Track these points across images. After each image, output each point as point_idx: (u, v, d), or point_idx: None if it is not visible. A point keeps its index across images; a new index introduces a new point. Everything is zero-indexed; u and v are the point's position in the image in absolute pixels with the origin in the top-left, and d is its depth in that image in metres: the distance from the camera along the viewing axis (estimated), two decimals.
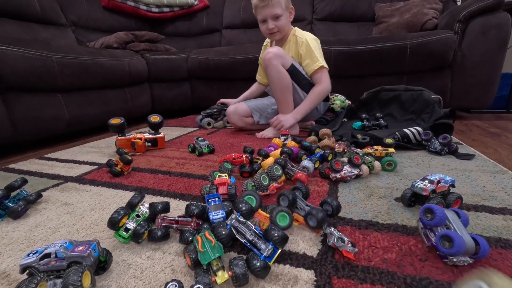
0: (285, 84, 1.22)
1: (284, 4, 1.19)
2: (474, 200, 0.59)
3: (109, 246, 0.48)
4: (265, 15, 1.20)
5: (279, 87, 1.22)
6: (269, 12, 1.19)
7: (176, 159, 0.98)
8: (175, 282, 0.36)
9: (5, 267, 0.44)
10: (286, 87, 1.22)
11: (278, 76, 1.20)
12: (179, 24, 2.45)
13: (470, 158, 0.84)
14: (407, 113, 1.20)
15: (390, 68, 1.54)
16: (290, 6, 1.23)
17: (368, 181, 0.71)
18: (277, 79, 1.21)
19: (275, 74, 1.20)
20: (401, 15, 1.81)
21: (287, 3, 1.21)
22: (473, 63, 1.44)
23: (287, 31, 1.27)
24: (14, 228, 0.56)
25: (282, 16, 1.19)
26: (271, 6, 1.18)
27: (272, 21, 1.20)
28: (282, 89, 1.22)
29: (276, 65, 1.18)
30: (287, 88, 1.22)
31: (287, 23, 1.24)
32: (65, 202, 0.66)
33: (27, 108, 1.15)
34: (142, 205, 0.54)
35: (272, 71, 1.20)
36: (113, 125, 1.04)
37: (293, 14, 1.26)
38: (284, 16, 1.20)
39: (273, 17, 1.20)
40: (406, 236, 0.48)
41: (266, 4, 1.18)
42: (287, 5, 1.21)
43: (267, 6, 1.18)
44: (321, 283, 0.38)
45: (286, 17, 1.21)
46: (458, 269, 0.39)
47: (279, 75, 1.20)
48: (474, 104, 1.56)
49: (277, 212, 0.49)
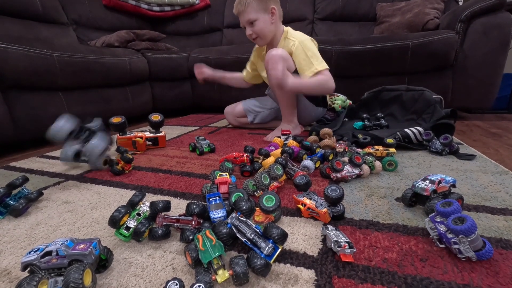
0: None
1: (257, 6, 1.10)
2: (475, 200, 0.59)
3: (110, 244, 0.49)
4: (242, 23, 1.15)
5: (283, 92, 1.14)
6: (243, 19, 1.13)
7: (177, 158, 0.98)
8: (176, 280, 0.36)
9: (6, 264, 0.44)
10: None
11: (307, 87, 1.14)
12: (180, 23, 2.45)
13: (471, 158, 0.84)
14: (408, 113, 1.20)
15: (391, 68, 1.54)
16: (269, 7, 1.11)
17: (369, 181, 0.71)
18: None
19: None
20: (402, 15, 1.81)
21: (263, 4, 1.10)
22: (474, 64, 1.44)
23: (274, 33, 1.17)
24: (15, 226, 0.56)
25: (257, 21, 1.11)
26: (243, 13, 1.12)
27: (248, 27, 1.14)
28: (286, 94, 1.16)
29: (282, 69, 1.07)
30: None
31: (267, 26, 1.13)
32: (66, 201, 0.66)
33: (28, 107, 1.16)
34: (143, 203, 0.54)
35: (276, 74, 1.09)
36: (114, 123, 1.04)
37: (276, 14, 1.13)
38: (261, 20, 1.11)
39: (248, 23, 1.13)
40: (407, 236, 0.48)
41: (239, 11, 1.13)
42: (264, 7, 1.11)
43: (241, 13, 1.13)
44: (321, 283, 0.38)
45: (263, 20, 1.12)
46: (459, 269, 0.39)
47: None
48: (476, 104, 1.56)
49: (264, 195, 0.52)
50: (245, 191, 0.57)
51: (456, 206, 0.43)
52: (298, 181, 0.61)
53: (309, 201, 0.54)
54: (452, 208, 0.43)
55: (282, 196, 0.64)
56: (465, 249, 0.40)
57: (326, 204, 0.54)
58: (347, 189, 0.66)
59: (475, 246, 0.40)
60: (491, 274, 0.38)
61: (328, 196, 0.53)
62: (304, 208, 0.54)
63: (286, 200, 0.63)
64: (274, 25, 1.15)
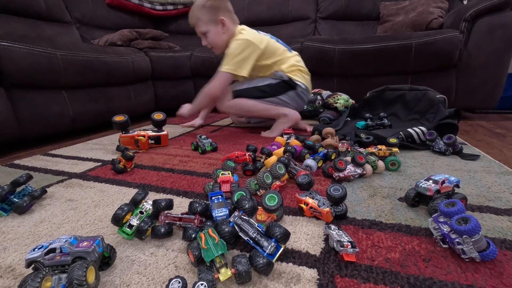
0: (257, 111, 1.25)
1: (207, 19, 1.14)
2: (479, 201, 0.58)
3: (113, 242, 0.49)
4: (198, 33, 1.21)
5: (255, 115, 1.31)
6: (197, 32, 1.19)
7: (179, 156, 0.98)
8: (179, 278, 0.36)
9: (10, 261, 0.45)
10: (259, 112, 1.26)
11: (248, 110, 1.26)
12: (182, 22, 2.46)
13: (475, 158, 0.83)
14: (412, 112, 1.20)
15: (394, 67, 1.53)
16: (218, 19, 1.14)
17: (372, 181, 0.71)
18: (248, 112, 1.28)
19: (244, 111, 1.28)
20: (406, 14, 1.80)
21: (211, 17, 1.14)
22: (479, 63, 1.43)
23: (227, 41, 1.18)
24: (19, 223, 0.56)
25: (209, 33, 1.16)
26: (195, 26, 1.18)
27: (203, 38, 1.20)
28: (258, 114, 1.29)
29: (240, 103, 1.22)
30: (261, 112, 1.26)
31: (219, 36, 1.17)
32: (69, 198, 0.67)
33: (32, 105, 1.16)
34: (146, 202, 0.54)
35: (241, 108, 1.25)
36: (117, 122, 1.05)
37: (226, 23, 1.16)
38: (212, 32, 1.16)
39: (202, 35, 1.19)
40: (410, 236, 0.47)
41: (192, 24, 1.19)
42: (213, 19, 1.14)
43: (194, 26, 1.19)
44: (324, 282, 0.38)
45: (214, 32, 1.16)
46: (462, 270, 0.39)
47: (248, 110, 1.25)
48: (480, 104, 1.55)
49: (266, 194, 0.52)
50: (247, 190, 0.57)
51: (460, 206, 0.43)
52: (300, 180, 0.61)
53: (312, 200, 0.54)
54: (456, 208, 0.43)
55: (284, 195, 0.64)
56: (468, 250, 0.40)
57: (328, 203, 0.54)
58: (349, 189, 0.66)
59: (479, 247, 0.40)
60: (495, 275, 0.38)
61: (330, 195, 0.52)
62: (307, 207, 0.54)
63: (288, 199, 0.62)
64: (226, 34, 1.18)
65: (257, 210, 0.50)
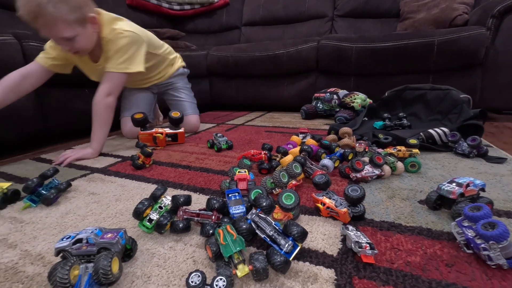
0: None
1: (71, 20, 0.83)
2: (506, 206, 0.56)
3: (134, 235, 0.50)
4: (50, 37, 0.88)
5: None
6: (53, 36, 0.86)
7: (196, 154, 0.99)
8: (198, 272, 0.37)
9: (40, 249, 0.47)
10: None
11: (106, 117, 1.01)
12: (199, 21, 2.49)
13: (502, 161, 0.79)
14: (433, 113, 1.15)
15: (415, 66, 1.48)
16: (86, 17, 0.87)
17: (390, 182, 0.69)
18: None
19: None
20: (428, 11, 1.73)
21: (77, 15, 0.84)
22: (507, 61, 1.35)
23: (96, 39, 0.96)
24: (47, 214, 0.59)
25: (77, 37, 0.86)
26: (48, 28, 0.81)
27: (63, 43, 0.87)
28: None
29: None
30: None
31: (90, 38, 0.93)
32: (92, 192, 0.70)
33: (56, 102, 1.22)
34: (165, 197, 0.55)
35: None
36: (136, 119, 1.08)
37: (96, 22, 0.92)
38: (82, 36, 0.88)
39: (63, 40, 0.86)
40: (431, 240, 0.46)
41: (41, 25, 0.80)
42: (79, 18, 0.85)
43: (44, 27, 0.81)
44: (341, 282, 0.38)
45: (85, 35, 0.90)
46: (488, 276, 0.38)
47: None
48: (507, 104, 1.46)
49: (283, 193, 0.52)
50: (264, 188, 0.57)
51: (487, 211, 0.41)
52: (317, 180, 0.60)
53: (329, 200, 0.54)
54: (482, 212, 0.41)
55: (300, 194, 0.64)
56: (495, 256, 0.38)
57: (346, 204, 0.53)
58: (367, 190, 0.65)
59: (506, 254, 0.38)
60: None
61: (348, 196, 0.52)
62: (324, 207, 0.53)
63: (304, 198, 0.62)
64: (93, 35, 0.94)
65: (274, 208, 0.50)
